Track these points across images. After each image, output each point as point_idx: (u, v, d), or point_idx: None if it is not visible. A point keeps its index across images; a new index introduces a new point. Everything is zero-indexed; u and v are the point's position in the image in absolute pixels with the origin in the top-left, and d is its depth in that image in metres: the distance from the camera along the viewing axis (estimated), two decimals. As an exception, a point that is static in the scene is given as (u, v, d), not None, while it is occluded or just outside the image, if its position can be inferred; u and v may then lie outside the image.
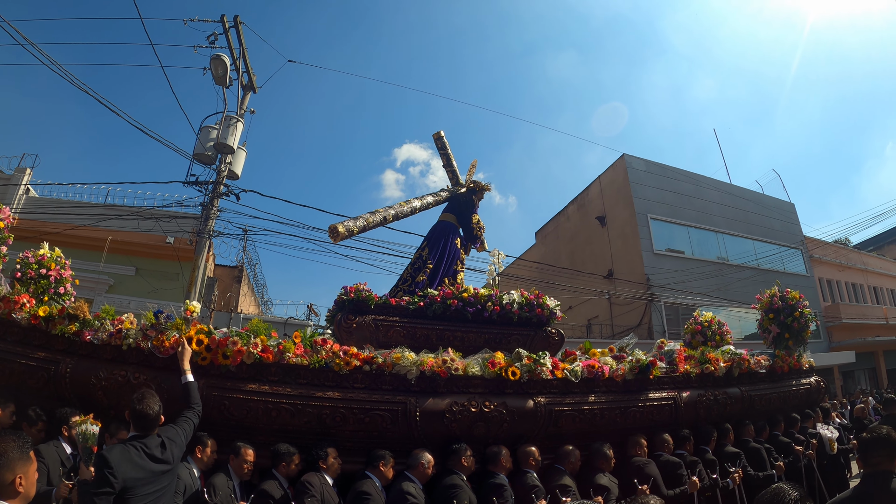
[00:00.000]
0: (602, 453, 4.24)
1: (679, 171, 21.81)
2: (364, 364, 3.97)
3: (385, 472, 3.61)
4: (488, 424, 4.02)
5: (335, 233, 4.79)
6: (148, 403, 2.91)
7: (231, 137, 10.89)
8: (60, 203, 11.76)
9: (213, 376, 3.75)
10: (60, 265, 4.44)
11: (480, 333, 5.05)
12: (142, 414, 2.87)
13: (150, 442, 2.85)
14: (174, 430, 3.07)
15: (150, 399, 2.94)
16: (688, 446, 4.78)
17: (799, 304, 6.22)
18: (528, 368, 4.29)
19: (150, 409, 2.90)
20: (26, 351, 3.78)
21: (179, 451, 3.02)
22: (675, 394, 4.90)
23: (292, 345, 3.92)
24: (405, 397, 3.95)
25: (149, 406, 2.90)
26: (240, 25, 11.26)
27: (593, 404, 4.44)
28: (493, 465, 3.90)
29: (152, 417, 2.91)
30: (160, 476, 2.81)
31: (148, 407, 2.90)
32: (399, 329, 4.86)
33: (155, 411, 2.92)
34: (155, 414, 2.92)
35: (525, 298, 5.26)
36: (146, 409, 2.89)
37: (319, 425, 3.77)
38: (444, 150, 6.51)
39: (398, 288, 5.65)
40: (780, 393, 5.76)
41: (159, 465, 2.81)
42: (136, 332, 3.81)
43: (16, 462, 1.86)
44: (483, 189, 6.46)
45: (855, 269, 25.52)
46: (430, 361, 4.07)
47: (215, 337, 3.80)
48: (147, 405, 2.90)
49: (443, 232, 6.00)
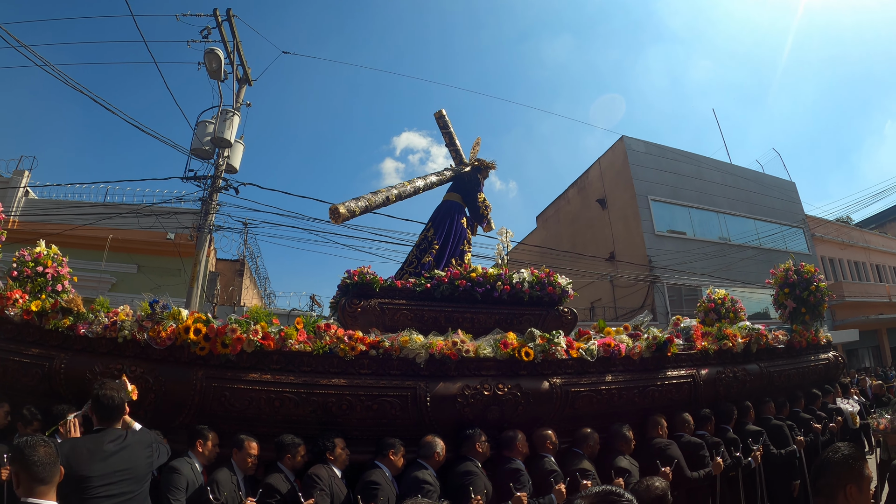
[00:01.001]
0: (621, 435, 4.08)
1: (679, 152, 21.64)
2: (370, 349, 3.80)
3: (395, 461, 3.45)
4: (502, 408, 3.85)
5: (336, 214, 4.61)
6: (110, 389, 2.71)
7: (228, 131, 10.89)
8: (60, 204, 11.76)
9: (213, 366, 3.61)
10: (57, 262, 4.37)
11: (490, 314, 4.89)
12: (102, 400, 2.67)
13: (107, 435, 2.62)
14: (146, 435, 2.85)
15: (112, 385, 2.75)
16: (709, 426, 4.62)
17: (814, 278, 6.10)
18: (542, 348, 4.11)
19: (112, 396, 2.69)
20: (19, 348, 3.68)
21: (144, 456, 2.71)
22: (693, 371, 4.74)
23: (294, 331, 3.75)
24: (414, 382, 3.78)
25: (111, 392, 2.70)
26: (232, 19, 11.18)
27: (610, 384, 4.27)
28: (509, 450, 3.73)
29: (114, 405, 2.69)
30: (123, 479, 2.50)
31: (110, 392, 2.69)
32: (406, 312, 4.69)
33: (117, 399, 2.71)
34: (117, 402, 2.71)
35: (536, 277, 5.09)
36: (108, 394, 2.68)
37: (325, 414, 3.61)
38: (445, 128, 6.32)
39: (404, 270, 5.48)
40: (798, 369, 5.61)
41: (115, 460, 2.52)
42: (132, 323, 3.69)
43: (58, 463, 1.97)
44: (488, 167, 6.28)
45: (857, 247, 25.42)
46: (440, 344, 3.89)
47: (213, 325, 3.64)
48: (108, 390, 2.70)
49: (448, 211, 5.81)
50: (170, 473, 3.03)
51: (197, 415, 3.51)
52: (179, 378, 3.51)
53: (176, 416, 3.52)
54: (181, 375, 3.53)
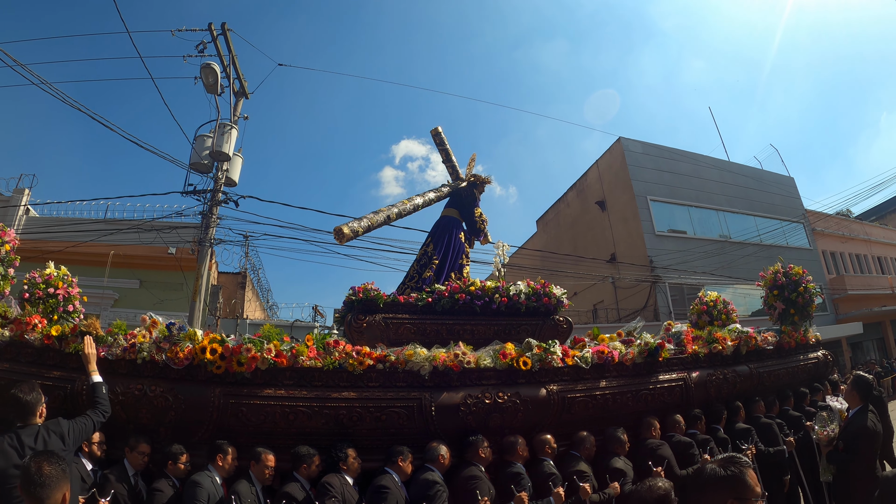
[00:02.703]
0: (616, 438, 4.30)
1: (676, 152, 21.78)
2: (377, 363, 4.01)
3: (404, 467, 3.66)
4: (503, 415, 4.07)
5: (340, 234, 4.83)
6: (22, 389, 2.78)
7: (226, 145, 10.91)
8: (61, 221, 11.84)
9: (229, 384, 3.78)
10: (67, 283, 4.47)
11: (489, 325, 5.10)
12: (13, 400, 2.75)
13: (26, 432, 2.70)
14: (61, 422, 2.89)
15: (25, 386, 2.83)
16: (699, 426, 4.83)
17: (803, 280, 6.22)
18: (539, 357, 4.33)
19: (23, 396, 2.76)
20: (41, 371, 3.77)
21: (62, 442, 2.79)
22: (684, 375, 4.94)
23: (305, 348, 3.95)
24: (419, 393, 3.99)
25: (22, 392, 2.76)
26: (228, 33, 11.23)
27: (605, 389, 4.49)
28: (510, 454, 3.96)
29: (23, 404, 2.76)
30: None
31: (21, 393, 2.76)
32: (409, 326, 4.91)
33: (29, 399, 2.78)
34: (29, 401, 2.77)
35: (532, 288, 5.30)
36: (18, 394, 2.75)
37: (337, 426, 3.82)
38: (442, 145, 6.53)
39: (405, 285, 5.69)
40: (788, 368, 5.79)
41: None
42: (150, 345, 3.81)
43: (63, 481, 1.98)
44: (483, 182, 6.49)
45: (858, 239, 25.49)
46: (443, 356, 4.11)
47: (229, 345, 3.82)
48: (21, 390, 2.77)
49: (446, 227, 6.04)
50: (192, 487, 3.24)
51: (215, 430, 3.69)
52: (197, 396, 3.68)
53: (195, 433, 3.70)
54: (199, 393, 3.69)
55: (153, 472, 3.57)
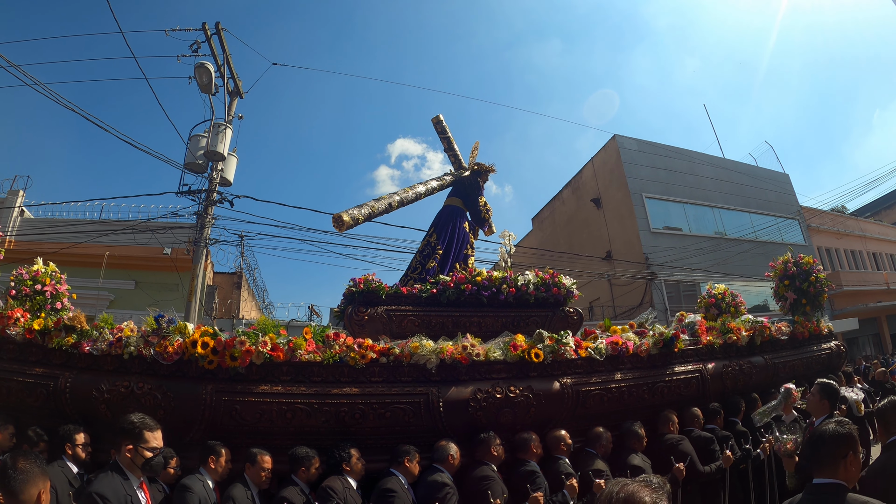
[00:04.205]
0: (633, 433, 4.08)
1: (671, 149, 21.72)
2: (381, 356, 3.79)
3: (411, 468, 3.43)
4: (515, 410, 3.85)
5: (340, 222, 4.61)
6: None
7: (221, 144, 10.89)
8: (55, 222, 11.73)
9: (222, 380, 3.58)
10: (56, 280, 4.33)
11: (497, 317, 4.90)
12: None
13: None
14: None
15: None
16: (718, 420, 4.64)
17: (813, 269, 6.15)
18: (551, 349, 4.12)
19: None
20: (23, 368, 3.64)
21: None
22: (700, 366, 4.75)
23: (304, 341, 3.74)
24: (426, 388, 3.77)
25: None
26: (221, 32, 11.21)
27: (620, 382, 4.28)
28: (523, 452, 3.73)
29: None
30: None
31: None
32: (413, 318, 4.69)
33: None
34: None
35: (540, 279, 5.11)
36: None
37: (338, 424, 3.59)
38: (444, 133, 6.35)
39: (408, 277, 5.48)
40: (802, 359, 5.65)
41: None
42: (138, 339, 3.65)
43: (38, 477, 1.90)
44: (487, 171, 6.30)
45: (853, 235, 25.53)
46: (450, 348, 3.88)
47: (221, 338, 3.62)
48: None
49: (450, 216, 5.83)
50: (181, 492, 3.00)
51: (208, 430, 3.48)
52: (188, 393, 3.48)
53: (186, 433, 3.48)
54: (190, 390, 3.50)
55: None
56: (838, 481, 2.04)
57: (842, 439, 2.09)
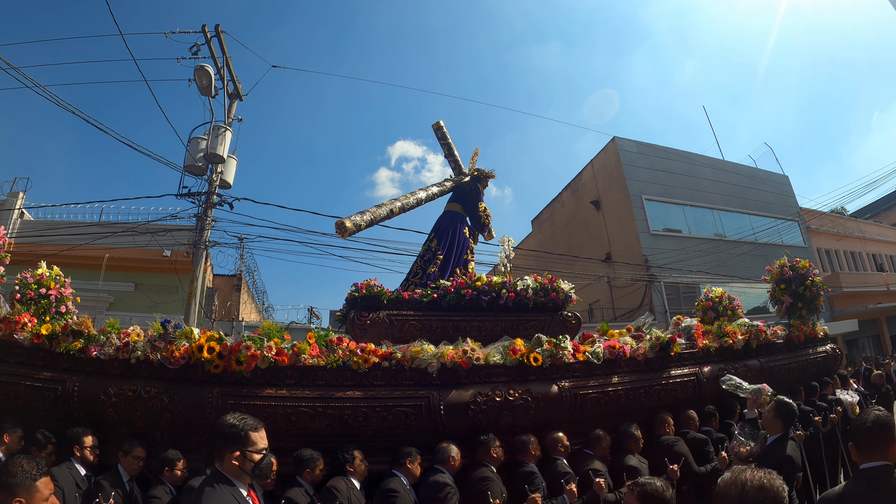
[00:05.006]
0: (630, 434, 4.16)
1: (670, 151, 21.76)
2: (383, 360, 3.87)
3: (412, 469, 3.50)
4: (514, 413, 3.93)
5: (343, 228, 4.69)
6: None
7: (220, 147, 10.87)
8: (55, 224, 11.79)
9: (227, 384, 3.64)
10: (60, 284, 4.36)
11: (497, 322, 4.97)
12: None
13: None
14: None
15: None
16: (713, 422, 4.72)
17: (809, 273, 6.22)
18: (550, 353, 4.20)
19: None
20: (31, 372, 3.66)
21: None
22: (696, 369, 4.83)
23: (307, 346, 3.80)
24: (427, 391, 3.85)
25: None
26: (221, 35, 11.21)
27: (617, 385, 4.36)
28: (522, 454, 3.81)
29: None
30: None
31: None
32: (414, 323, 4.77)
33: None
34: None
35: (539, 283, 5.18)
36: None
37: (341, 427, 3.66)
38: (444, 139, 6.42)
39: (409, 281, 5.56)
40: (798, 362, 5.72)
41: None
42: (144, 343, 3.69)
43: (17, 488, 1.84)
44: (487, 176, 6.37)
45: (853, 237, 25.55)
46: (451, 353, 3.96)
47: (227, 343, 3.67)
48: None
49: (450, 221, 5.91)
50: (188, 493, 3.08)
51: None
52: (194, 397, 3.54)
53: (193, 435, 3.54)
54: (196, 394, 3.55)
55: (148, 477, 3.42)
56: (887, 463, 2.11)
57: (886, 424, 2.20)
